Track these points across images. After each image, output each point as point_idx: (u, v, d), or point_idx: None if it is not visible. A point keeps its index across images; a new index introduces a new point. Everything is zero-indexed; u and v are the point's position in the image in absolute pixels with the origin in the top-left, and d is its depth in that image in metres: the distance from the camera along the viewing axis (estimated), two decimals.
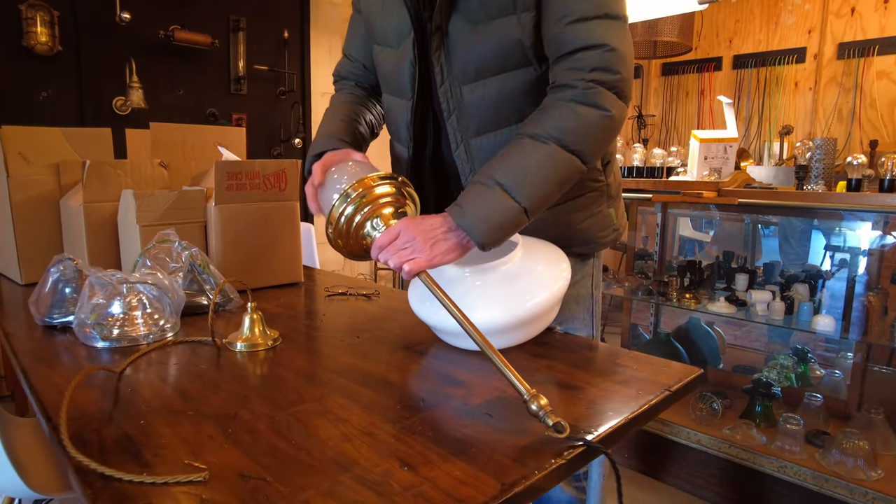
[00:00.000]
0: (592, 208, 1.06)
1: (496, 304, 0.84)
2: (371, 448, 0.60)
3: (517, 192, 0.83)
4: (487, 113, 0.97)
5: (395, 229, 0.83)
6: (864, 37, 3.16)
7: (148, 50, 2.65)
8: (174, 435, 0.63)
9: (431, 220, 0.84)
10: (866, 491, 1.59)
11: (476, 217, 0.83)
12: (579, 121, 0.85)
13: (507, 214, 0.83)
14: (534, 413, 0.64)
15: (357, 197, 0.84)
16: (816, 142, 1.75)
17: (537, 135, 0.85)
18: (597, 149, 0.89)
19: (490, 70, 0.94)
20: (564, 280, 0.88)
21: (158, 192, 1.21)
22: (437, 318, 0.87)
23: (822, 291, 1.95)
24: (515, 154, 0.86)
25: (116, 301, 0.95)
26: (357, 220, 0.85)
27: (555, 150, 0.85)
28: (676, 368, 0.85)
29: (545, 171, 0.85)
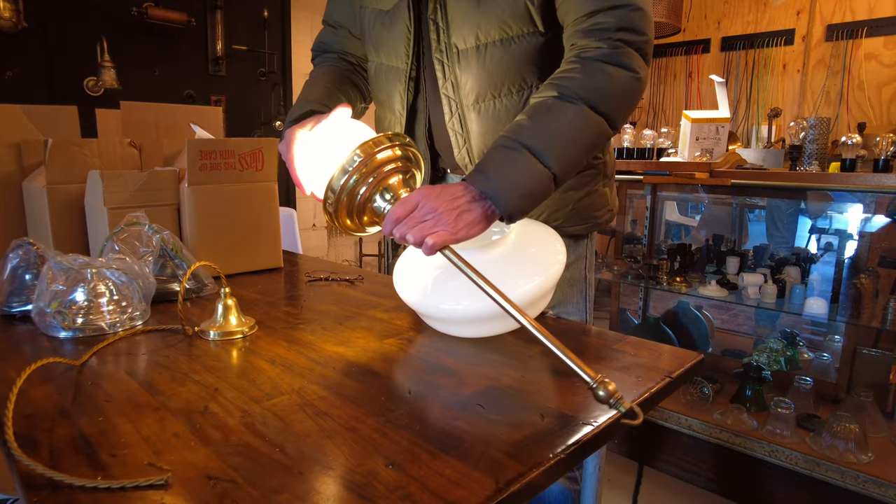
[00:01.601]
0: (590, 186, 1.02)
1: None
2: (353, 445, 0.55)
3: (547, 156, 0.76)
4: (487, 80, 0.91)
5: (412, 199, 0.73)
6: (852, 18, 3.13)
7: (120, 28, 2.54)
8: (135, 433, 0.57)
9: (452, 188, 0.75)
10: (857, 474, 1.58)
11: (503, 183, 0.75)
12: (610, 81, 0.79)
13: (537, 181, 0.76)
14: (602, 400, 0.59)
15: (360, 165, 0.74)
16: (810, 121, 1.72)
17: (565, 95, 0.78)
18: (624, 113, 0.83)
19: (492, 33, 0.88)
20: (560, 263, 0.83)
21: (127, 173, 1.14)
22: (425, 303, 0.82)
23: (813, 274, 1.93)
24: (543, 115, 0.78)
25: (80, 288, 0.88)
26: (362, 193, 0.76)
27: (585, 111, 0.78)
28: (676, 353, 0.81)
29: (576, 134, 0.78)
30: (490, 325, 0.82)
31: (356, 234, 0.84)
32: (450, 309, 0.79)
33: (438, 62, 0.93)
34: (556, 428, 0.58)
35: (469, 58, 0.90)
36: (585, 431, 0.58)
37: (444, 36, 0.91)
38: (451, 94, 0.94)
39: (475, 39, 0.89)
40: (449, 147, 0.98)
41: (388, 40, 0.96)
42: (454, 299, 0.78)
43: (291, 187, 3.28)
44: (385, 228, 0.76)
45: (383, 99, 1.04)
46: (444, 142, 1.00)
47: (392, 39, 0.95)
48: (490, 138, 0.95)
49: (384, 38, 0.97)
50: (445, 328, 0.85)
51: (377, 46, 1.00)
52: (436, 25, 0.91)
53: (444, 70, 0.94)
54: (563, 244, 0.87)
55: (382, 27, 0.97)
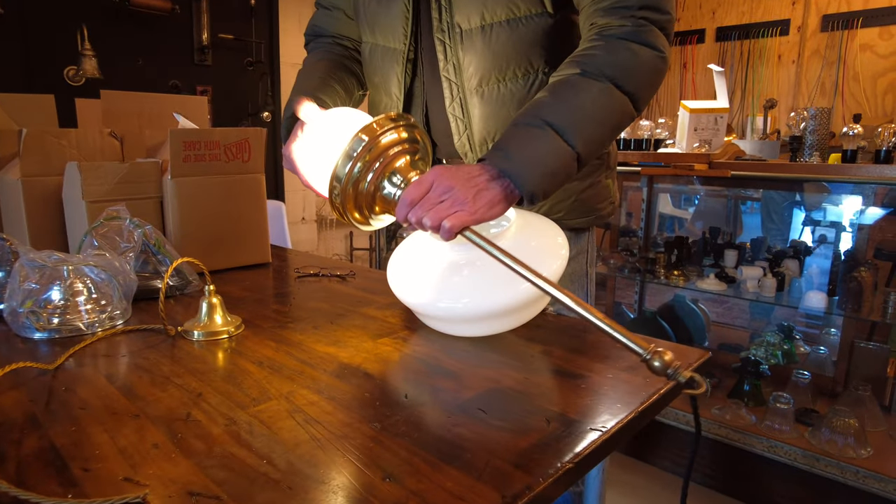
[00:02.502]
0: (593, 177, 0.99)
1: (488, 287, 0.74)
2: (347, 455, 0.51)
3: (570, 134, 0.73)
4: (492, 62, 0.87)
5: (426, 179, 0.69)
6: (848, 9, 3.11)
7: (101, 15, 2.46)
8: (111, 444, 0.53)
9: (468, 167, 0.71)
10: (857, 469, 1.56)
11: (524, 162, 0.71)
12: (635, 59, 0.76)
13: (560, 160, 0.73)
14: (659, 371, 0.57)
15: (364, 150, 0.69)
16: (811, 112, 1.69)
17: (588, 72, 0.75)
18: (649, 93, 0.80)
19: (499, 13, 0.84)
20: (563, 258, 0.79)
21: (107, 164, 1.09)
22: (422, 301, 0.77)
23: (811, 267, 1.91)
24: (566, 92, 0.75)
25: (55, 286, 0.83)
26: (370, 179, 0.71)
27: (610, 88, 0.75)
28: (681, 352, 0.77)
29: (600, 112, 0.75)
30: (490, 323, 0.78)
31: (366, 226, 0.79)
32: (448, 307, 0.75)
33: (440, 42, 0.89)
34: (563, 434, 0.55)
35: (473, 38, 0.87)
36: (594, 438, 0.54)
37: (447, 15, 0.87)
38: (452, 76, 0.90)
39: (480, 19, 0.85)
40: (448, 133, 0.94)
41: (385, 19, 0.92)
42: (453, 297, 0.74)
43: (280, 179, 3.22)
44: (399, 214, 0.71)
45: (378, 82, 1.00)
46: (442, 128, 0.96)
47: (389, 18, 0.91)
48: (492, 124, 0.91)
49: (380, 18, 0.93)
50: (443, 327, 0.81)
51: (372, 26, 0.96)
52: (437, 4, 0.87)
53: (445, 51, 0.89)
54: (565, 238, 0.83)
55: (378, 5, 0.93)
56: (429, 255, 0.80)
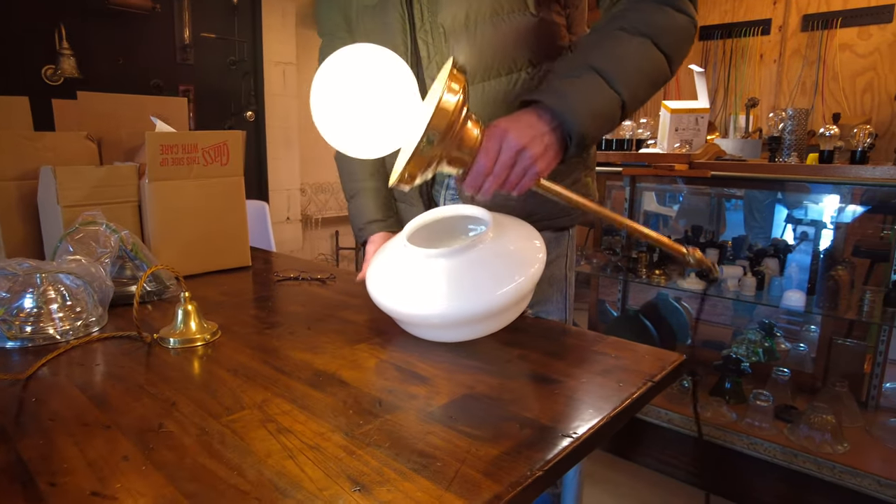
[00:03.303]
0: (574, 175, 1.00)
1: (467, 292, 0.74)
2: (317, 465, 0.51)
3: (617, 82, 0.75)
4: (478, 60, 0.88)
5: (492, 146, 0.71)
6: (827, 9, 3.15)
7: (80, 13, 2.43)
8: (80, 456, 0.52)
9: (528, 117, 0.74)
10: (833, 465, 1.59)
11: (575, 102, 0.74)
12: (671, 21, 0.79)
13: (608, 103, 0.76)
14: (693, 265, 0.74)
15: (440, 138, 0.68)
16: (789, 112, 1.71)
17: (626, 27, 0.78)
18: (682, 56, 0.83)
19: (483, 10, 0.85)
20: (540, 262, 0.80)
21: (83, 168, 1.08)
22: (400, 308, 0.78)
23: (790, 266, 1.93)
24: (609, 42, 0.78)
25: (28, 294, 0.82)
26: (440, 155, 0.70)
27: (649, 44, 0.78)
28: (658, 355, 0.78)
29: (642, 63, 0.78)
30: (469, 328, 0.78)
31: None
32: (427, 314, 0.75)
33: (423, 42, 0.90)
34: (535, 441, 0.55)
35: (458, 37, 0.87)
36: (565, 444, 0.55)
37: (429, 15, 0.88)
38: (435, 75, 0.90)
39: (465, 17, 0.86)
40: None
41: (382, 33, 0.93)
42: (432, 303, 0.74)
43: (264, 179, 3.19)
44: (471, 184, 0.73)
45: None
46: None
47: (386, 30, 0.92)
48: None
49: (377, 33, 0.93)
50: (423, 333, 0.81)
51: (370, 40, 0.96)
52: (419, 3, 0.88)
53: (428, 51, 0.90)
54: (542, 241, 0.84)
55: (374, 18, 0.94)
56: (407, 262, 0.80)
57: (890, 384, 1.99)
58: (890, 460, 1.60)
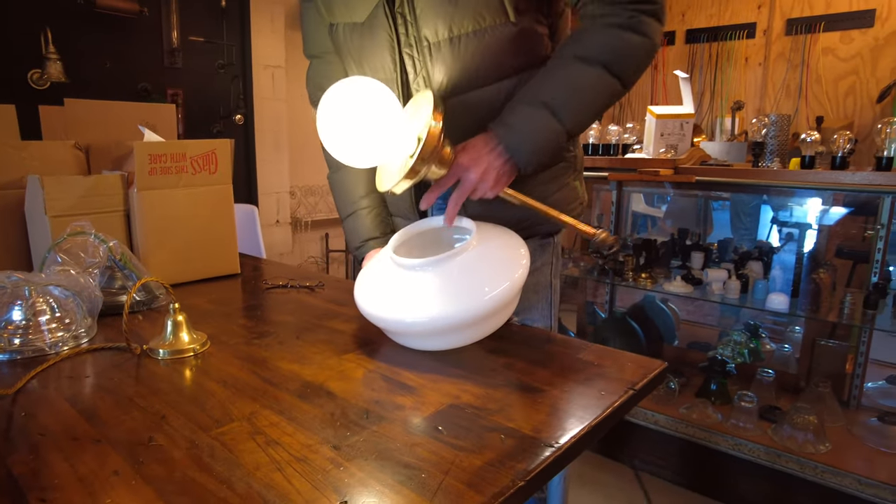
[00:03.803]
0: (562, 179, 1.03)
1: (451, 299, 0.76)
2: (305, 478, 0.52)
3: (562, 113, 0.85)
4: (461, 72, 0.90)
5: (455, 174, 0.84)
6: (811, 13, 3.19)
7: (66, 17, 2.41)
8: (71, 472, 0.53)
9: (485, 150, 0.85)
10: (816, 464, 1.62)
11: (521, 137, 0.85)
12: (627, 46, 0.85)
13: (552, 135, 0.86)
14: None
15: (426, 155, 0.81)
16: (772, 118, 1.74)
17: (583, 56, 0.85)
18: (637, 76, 0.90)
19: (466, 24, 0.87)
20: (524, 267, 0.82)
21: (71, 178, 1.08)
22: (387, 317, 0.79)
23: (774, 269, 1.96)
24: (560, 73, 0.86)
25: (16, 306, 0.83)
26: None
27: (601, 73, 0.85)
28: (640, 362, 0.80)
29: (592, 94, 0.86)
30: (455, 336, 0.79)
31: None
32: (413, 322, 0.76)
33: (409, 57, 0.92)
34: (517, 451, 0.57)
35: (442, 50, 0.89)
36: (547, 454, 0.56)
37: (413, 29, 0.89)
38: (421, 88, 0.92)
39: (448, 31, 0.88)
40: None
41: (371, 51, 0.94)
42: (418, 312, 0.76)
43: (253, 183, 3.19)
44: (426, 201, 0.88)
45: None
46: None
47: (375, 49, 0.93)
48: (464, 133, 0.93)
49: (366, 51, 0.95)
50: (410, 342, 0.83)
51: (359, 60, 0.98)
52: (404, 19, 0.89)
53: (414, 65, 0.92)
54: (526, 248, 0.86)
55: (362, 38, 0.95)
56: (393, 272, 0.81)
57: (871, 384, 2.03)
58: (870, 459, 1.64)
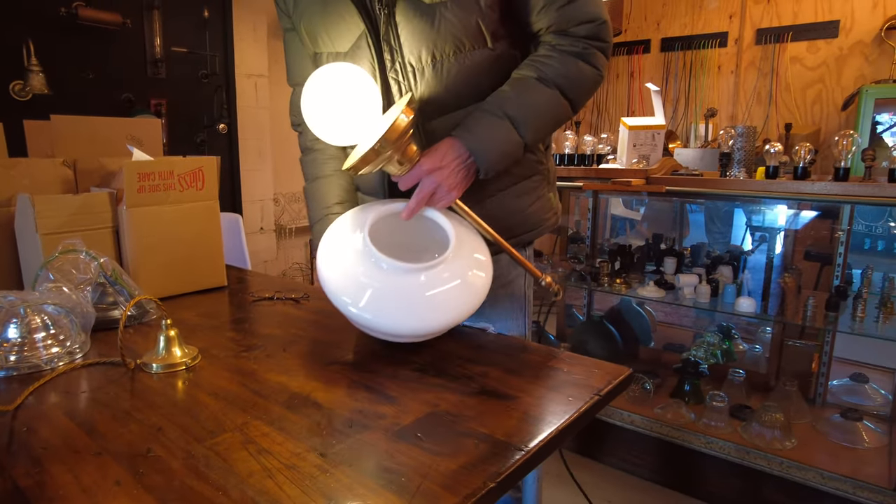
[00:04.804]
0: (538, 192, 1.10)
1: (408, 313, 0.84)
2: (294, 484, 0.57)
3: (523, 127, 0.93)
4: (445, 94, 0.97)
5: (418, 174, 0.89)
6: (779, 23, 3.30)
7: (49, 29, 2.42)
8: (75, 483, 0.57)
9: (450, 152, 0.90)
10: (782, 460, 1.70)
11: (486, 144, 0.91)
12: (580, 74, 0.95)
13: (512, 146, 0.94)
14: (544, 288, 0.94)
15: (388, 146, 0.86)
16: (738, 129, 1.82)
17: (543, 78, 0.94)
18: (585, 101, 1.00)
19: (447, 49, 0.94)
20: (480, 297, 0.89)
21: (61, 197, 1.11)
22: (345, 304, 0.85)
23: (743, 273, 2.05)
24: (523, 91, 0.94)
25: (12, 324, 0.86)
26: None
27: (557, 95, 0.94)
28: (607, 369, 0.86)
29: (549, 111, 0.95)
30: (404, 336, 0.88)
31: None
32: (356, 313, 0.84)
33: (394, 81, 0.97)
34: (490, 455, 0.62)
35: (426, 74, 0.95)
36: (517, 457, 0.62)
37: (398, 56, 0.95)
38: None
39: (430, 56, 0.94)
40: None
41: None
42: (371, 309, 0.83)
43: (237, 191, 3.21)
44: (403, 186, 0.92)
45: None
46: None
47: None
48: None
49: None
50: (377, 333, 0.89)
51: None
52: (388, 46, 0.95)
53: (400, 89, 0.98)
54: (490, 270, 0.92)
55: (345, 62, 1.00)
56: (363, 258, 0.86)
57: (836, 381, 2.12)
58: (833, 454, 1.72)
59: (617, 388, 0.82)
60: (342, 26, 0.97)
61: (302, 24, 1.03)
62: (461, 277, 0.86)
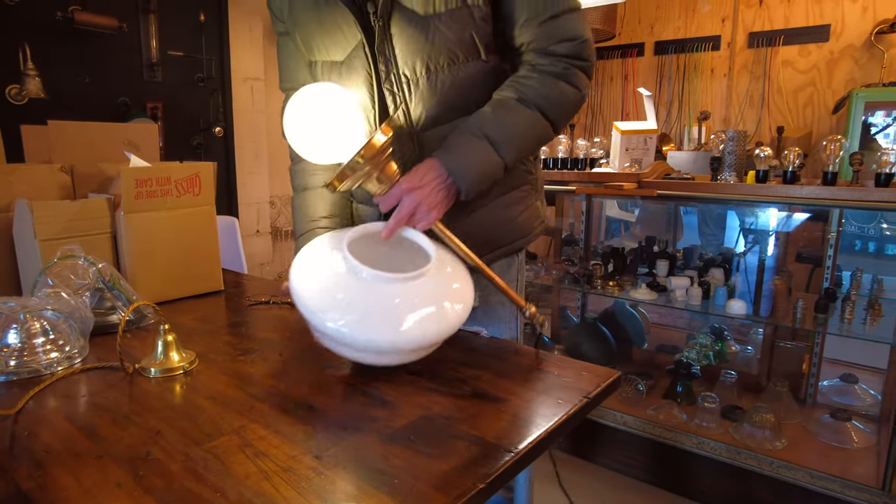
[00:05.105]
0: (527, 201, 1.12)
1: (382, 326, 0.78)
2: (290, 486, 0.58)
3: (503, 148, 0.93)
4: (438, 106, 0.97)
5: (398, 193, 0.88)
6: (771, 27, 3.34)
7: (45, 33, 2.43)
8: (77, 485, 0.59)
9: (429, 173, 0.89)
10: (772, 460, 1.72)
11: (466, 164, 0.91)
12: (561, 95, 0.94)
13: (492, 167, 0.93)
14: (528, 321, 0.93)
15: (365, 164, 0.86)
16: (729, 134, 1.84)
17: (523, 99, 0.93)
18: (567, 122, 1.00)
19: (441, 61, 0.95)
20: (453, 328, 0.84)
21: (59, 203, 1.13)
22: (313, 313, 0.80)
23: (736, 275, 2.07)
24: (504, 112, 0.94)
25: (12, 330, 0.88)
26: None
27: (538, 116, 0.94)
28: (596, 372, 0.88)
29: (530, 132, 0.95)
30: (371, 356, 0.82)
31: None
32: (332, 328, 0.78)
33: (389, 93, 0.98)
34: (480, 457, 0.64)
35: (420, 86, 0.96)
36: (506, 459, 0.64)
37: (393, 67, 0.96)
38: (402, 121, 0.99)
39: (425, 68, 0.95)
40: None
41: (350, 87, 0.99)
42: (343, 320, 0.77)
43: (233, 194, 3.22)
44: (384, 207, 0.91)
45: None
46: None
47: (353, 86, 0.99)
48: None
49: (346, 86, 0.99)
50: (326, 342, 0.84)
51: None
52: (384, 58, 0.95)
53: (395, 101, 0.98)
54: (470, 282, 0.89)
55: (340, 77, 1.00)
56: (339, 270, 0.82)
57: (826, 382, 2.14)
58: (822, 453, 1.74)
59: (605, 390, 0.84)
60: (338, 35, 0.97)
61: (297, 31, 1.04)
62: (441, 293, 0.84)
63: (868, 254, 2.90)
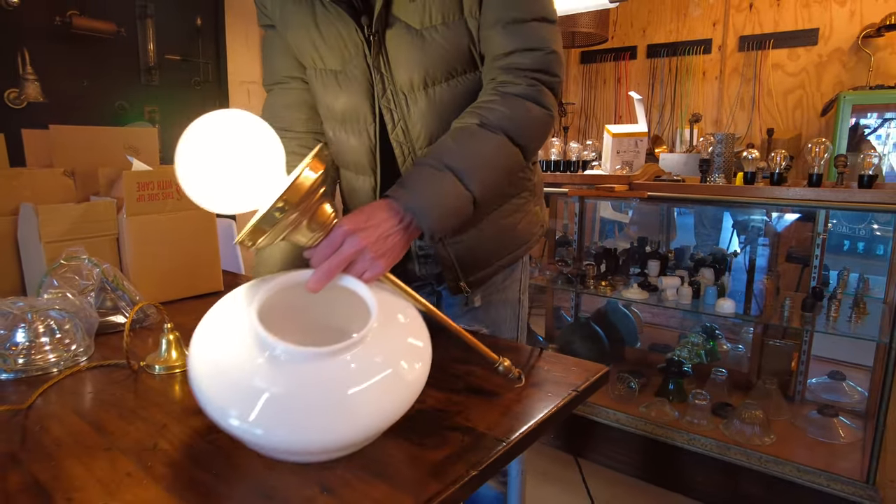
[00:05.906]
0: (526, 208, 1.09)
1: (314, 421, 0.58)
2: (293, 475, 0.61)
3: (469, 179, 0.81)
4: (436, 120, 0.94)
5: (336, 237, 0.69)
6: (761, 31, 3.39)
7: (43, 38, 2.46)
8: (89, 475, 0.62)
9: (376, 214, 0.74)
10: (761, 455, 1.76)
11: (427, 200, 0.77)
12: (527, 116, 0.86)
13: (460, 201, 0.81)
14: (502, 374, 0.81)
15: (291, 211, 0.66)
16: (718, 137, 1.89)
17: (486, 124, 0.84)
18: (537, 145, 0.92)
19: (439, 75, 0.91)
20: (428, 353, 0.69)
21: (63, 207, 1.15)
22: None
23: (725, 275, 2.11)
24: (466, 140, 0.83)
25: (20, 329, 0.90)
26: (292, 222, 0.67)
27: (504, 141, 0.85)
28: (585, 367, 0.91)
29: (497, 160, 0.85)
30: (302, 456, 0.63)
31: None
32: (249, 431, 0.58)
33: (387, 109, 0.95)
34: (473, 446, 0.67)
35: (418, 101, 0.93)
36: (498, 448, 0.67)
37: (390, 83, 0.93)
38: (401, 139, 0.96)
39: (422, 82, 0.92)
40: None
41: (348, 97, 0.97)
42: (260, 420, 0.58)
43: None
44: (314, 263, 0.70)
45: (349, 161, 1.05)
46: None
47: (351, 95, 0.96)
48: None
49: (343, 96, 0.97)
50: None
51: (334, 109, 1.00)
52: (380, 74, 0.93)
53: (392, 117, 0.95)
54: (427, 336, 0.71)
55: (338, 85, 0.97)
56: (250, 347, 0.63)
57: (815, 379, 2.19)
58: (809, 448, 1.79)
59: (594, 384, 0.87)
60: (337, 43, 0.94)
61: (288, 35, 1.01)
62: (391, 357, 0.64)
63: (857, 254, 2.96)
